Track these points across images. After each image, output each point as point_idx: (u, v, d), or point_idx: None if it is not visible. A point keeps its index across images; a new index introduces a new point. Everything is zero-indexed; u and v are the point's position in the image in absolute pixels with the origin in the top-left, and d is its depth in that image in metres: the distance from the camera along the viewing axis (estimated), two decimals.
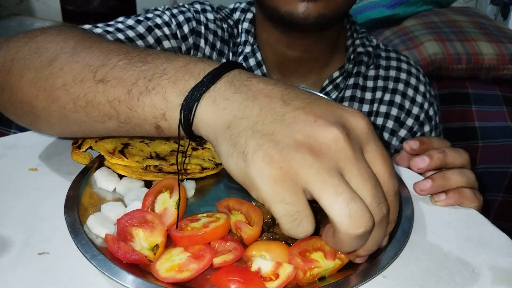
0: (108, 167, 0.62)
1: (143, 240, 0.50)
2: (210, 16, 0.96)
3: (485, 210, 0.67)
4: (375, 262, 0.50)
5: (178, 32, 0.91)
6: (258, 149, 0.40)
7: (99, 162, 0.63)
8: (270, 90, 0.44)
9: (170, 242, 0.51)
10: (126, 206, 0.57)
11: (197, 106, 0.45)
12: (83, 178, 0.60)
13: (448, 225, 0.61)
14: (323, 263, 0.49)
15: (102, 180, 0.61)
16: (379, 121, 0.99)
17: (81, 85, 0.52)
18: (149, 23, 0.88)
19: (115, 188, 0.61)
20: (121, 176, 0.62)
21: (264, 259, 0.49)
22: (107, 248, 0.49)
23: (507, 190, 1.41)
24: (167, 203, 0.55)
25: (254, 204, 0.57)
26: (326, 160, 0.40)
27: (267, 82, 0.45)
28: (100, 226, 0.52)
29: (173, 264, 0.48)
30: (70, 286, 0.46)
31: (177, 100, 0.46)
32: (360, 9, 1.60)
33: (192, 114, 0.45)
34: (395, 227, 0.56)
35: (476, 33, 1.47)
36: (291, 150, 0.40)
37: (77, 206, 0.54)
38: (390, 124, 0.99)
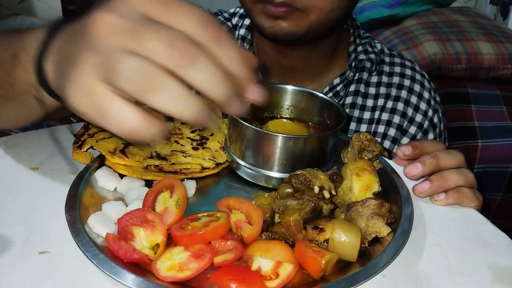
0: (109, 167, 0.63)
1: (144, 239, 0.50)
2: None
3: (484, 210, 0.67)
4: (375, 261, 0.51)
5: None
6: None
7: (100, 161, 0.63)
8: None
9: (170, 241, 0.51)
10: (126, 206, 0.57)
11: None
12: (84, 178, 0.60)
13: (448, 224, 0.61)
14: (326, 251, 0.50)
15: (103, 179, 0.61)
16: (381, 129, 0.96)
17: None
18: None
19: (115, 188, 0.61)
20: (121, 176, 0.62)
21: (264, 258, 0.49)
22: (108, 247, 0.49)
23: (507, 190, 1.42)
24: (167, 203, 0.56)
25: (254, 203, 0.57)
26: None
27: None
28: (101, 225, 0.52)
29: (174, 263, 0.48)
30: (70, 285, 0.46)
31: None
32: (360, 9, 1.60)
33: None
34: (395, 226, 0.56)
35: (476, 33, 1.47)
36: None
37: (78, 205, 0.55)
38: (392, 132, 0.96)
